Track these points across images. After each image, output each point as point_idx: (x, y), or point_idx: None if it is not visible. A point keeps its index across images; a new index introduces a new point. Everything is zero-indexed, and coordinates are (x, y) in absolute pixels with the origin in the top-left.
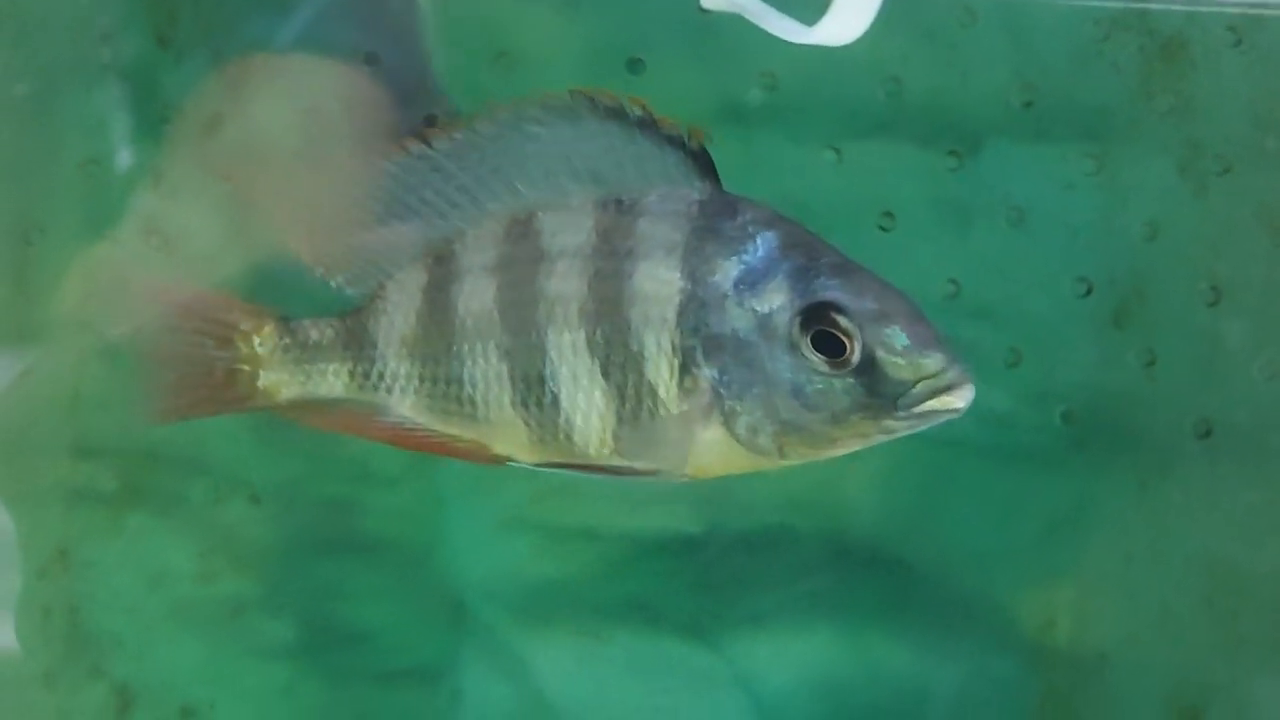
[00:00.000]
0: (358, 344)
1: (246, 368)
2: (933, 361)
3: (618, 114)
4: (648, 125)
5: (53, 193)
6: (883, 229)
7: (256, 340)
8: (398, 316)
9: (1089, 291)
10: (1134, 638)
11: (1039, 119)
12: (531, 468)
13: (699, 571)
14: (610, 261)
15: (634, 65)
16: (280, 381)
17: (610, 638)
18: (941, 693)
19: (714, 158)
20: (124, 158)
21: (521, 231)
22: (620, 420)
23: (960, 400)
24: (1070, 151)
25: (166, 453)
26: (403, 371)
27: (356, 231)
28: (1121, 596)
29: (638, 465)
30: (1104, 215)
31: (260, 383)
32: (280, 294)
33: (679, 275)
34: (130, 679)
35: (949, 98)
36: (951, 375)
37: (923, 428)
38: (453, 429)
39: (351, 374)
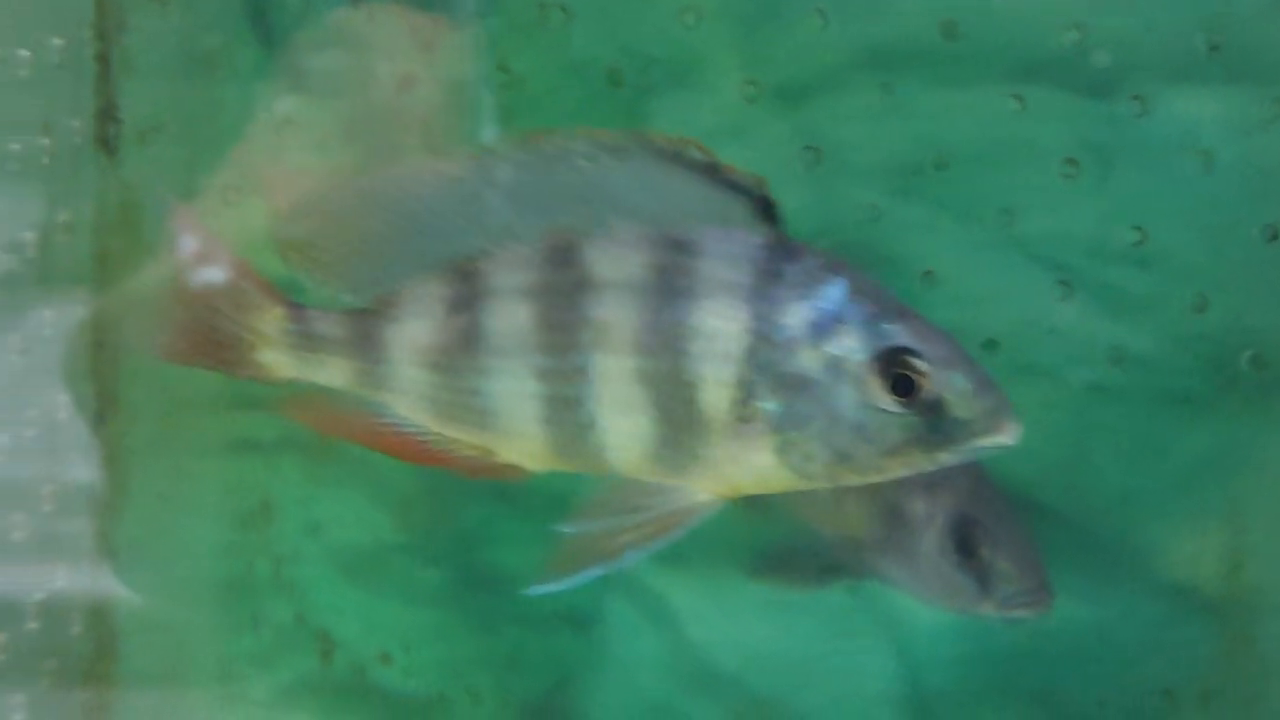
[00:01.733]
0: (366, 344)
1: (249, 338)
2: (989, 402)
3: (677, 157)
4: (711, 169)
5: None
6: (1066, 175)
7: (265, 318)
8: (413, 325)
9: (1275, 237)
10: None
11: (1226, 62)
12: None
13: None
14: (666, 296)
15: (822, 14)
16: (280, 362)
17: (752, 582)
18: (1090, 635)
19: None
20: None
21: (562, 258)
22: (664, 443)
23: (1009, 437)
24: (1257, 95)
25: None
26: (413, 377)
27: (365, 241)
28: None
29: (675, 483)
30: None
31: (259, 357)
32: None
33: (745, 315)
34: (326, 626)
35: (1133, 43)
36: (1004, 415)
37: (970, 459)
38: (454, 433)
39: (355, 372)
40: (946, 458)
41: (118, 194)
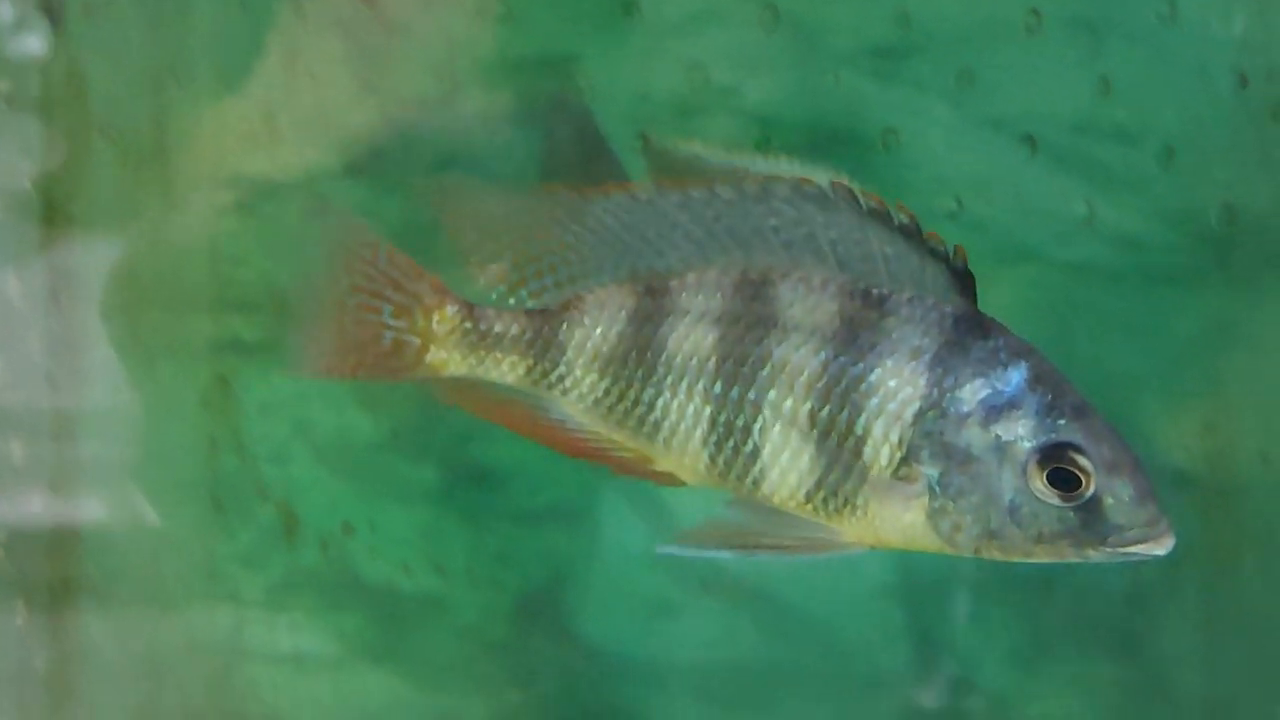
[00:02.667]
0: (544, 345)
1: (417, 341)
2: (1147, 513)
3: (880, 215)
4: (912, 233)
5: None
6: (1029, 29)
7: (436, 318)
8: (595, 331)
9: (1245, 84)
10: None
11: None
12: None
13: None
14: (850, 347)
15: None
16: (449, 360)
17: None
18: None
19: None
20: None
21: (754, 292)
22: (820, 486)
23: (1161, 549)
24: None
25: None
26: (587, 381)
27: (557, 248)
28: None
29: (824, 524)
30: (1260, 5)
31: (428, 358)
32: None
33: (924, 380)
34: (292, 502)
35: None
36: (1160, 528)
37: (1115, 561)
38: (618, 437)
39: (530, 370)
40: (1095, 556)
41: (64, 65)
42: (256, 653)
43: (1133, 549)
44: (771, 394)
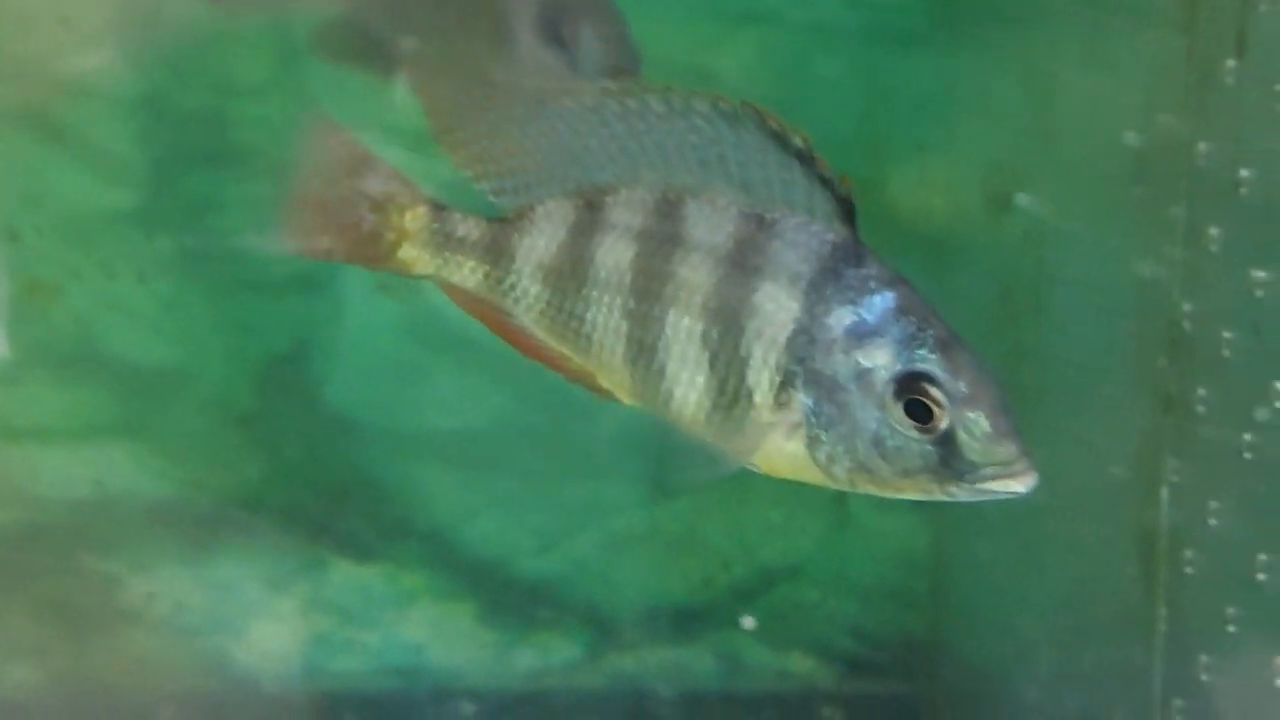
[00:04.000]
0: (498, 251)
1: (392, 235)
2: (1005, 451)
3: (780, 138)
4: (806, 158)
5: None
6: None
7: (409, 215)
8: (540, 241)
9: None
10: None
11: None
12: None
13: None
14: (740, 270)
15: None
16: (419, 258)
17: None
18: None
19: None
20: None
21: (669, 210)
22: (714, 407)
23: (1022, 487)
24: None
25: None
26: (533, 291)
27: (519, 152)
28: None
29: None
30: None
31: (400, 253)
32: None
33: (797, 306)
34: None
35: None
36: (1019, 465)
37: (981, 500)
38: (563, 349)
39: (487, 275)
40: (958, 493)
41: None
42: None
43: (991, 486)
44: (672, 313)
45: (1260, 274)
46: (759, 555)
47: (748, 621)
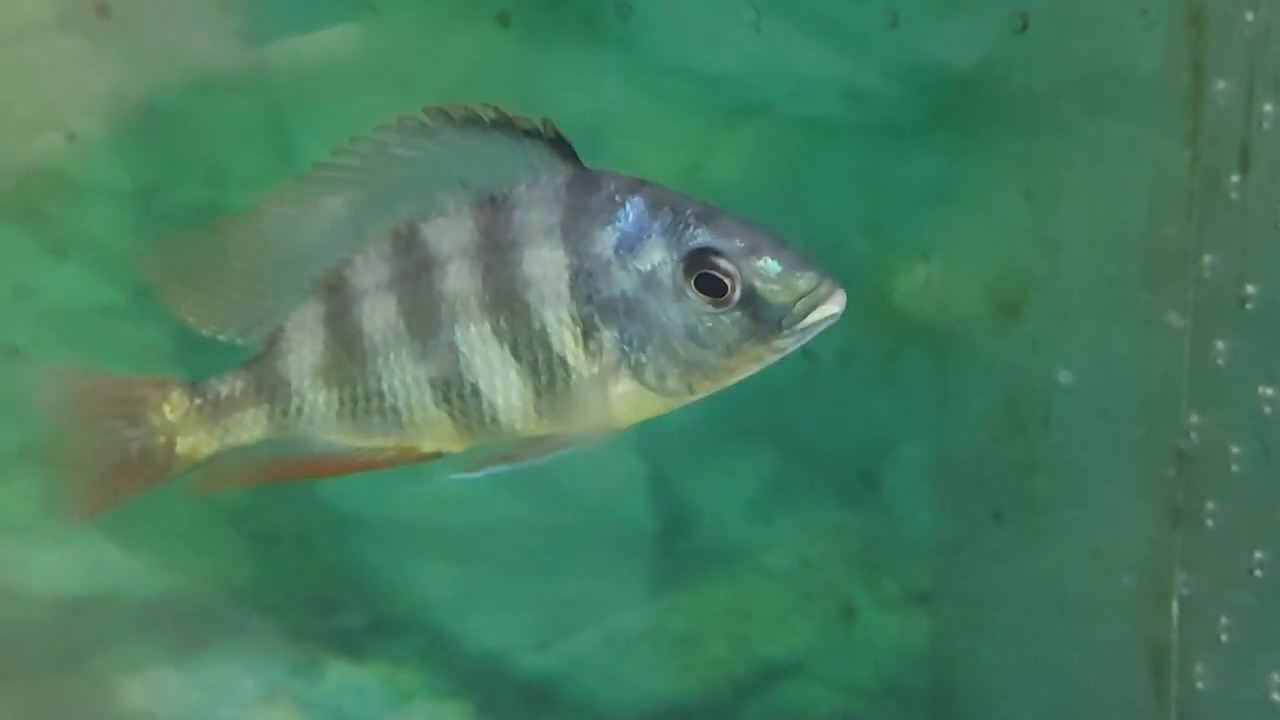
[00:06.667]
0: (271, 385)
1: (162, 439)
2: (805, 280)
3: (473, 120)
4: (503, 124)
5: None
6: None
7: (167, 408)
8: (305, 351)
9: None
10: None
11: None
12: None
13: None
14: (498, 254)
15: None
16: (199, 442)
17: None
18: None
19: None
20: None
21: (406, 245)
22: (539, 394)
23: (836, 306)
24: None
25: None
26: (321, 400)
27: (232, 285)
28: None
29: (564, 432)
30: None
31: (179, 449)
32: None
33: (563, 253)
34: None
35: None
36: (824, 288)
37: (809, 338)
38: (378, 441)
39: (270, 414)
40: (785, 344)
41: None
42: None
43: (810, 320)
44: (458, 330)
45: (1268, 390)
46: (759, 652)
47: None
